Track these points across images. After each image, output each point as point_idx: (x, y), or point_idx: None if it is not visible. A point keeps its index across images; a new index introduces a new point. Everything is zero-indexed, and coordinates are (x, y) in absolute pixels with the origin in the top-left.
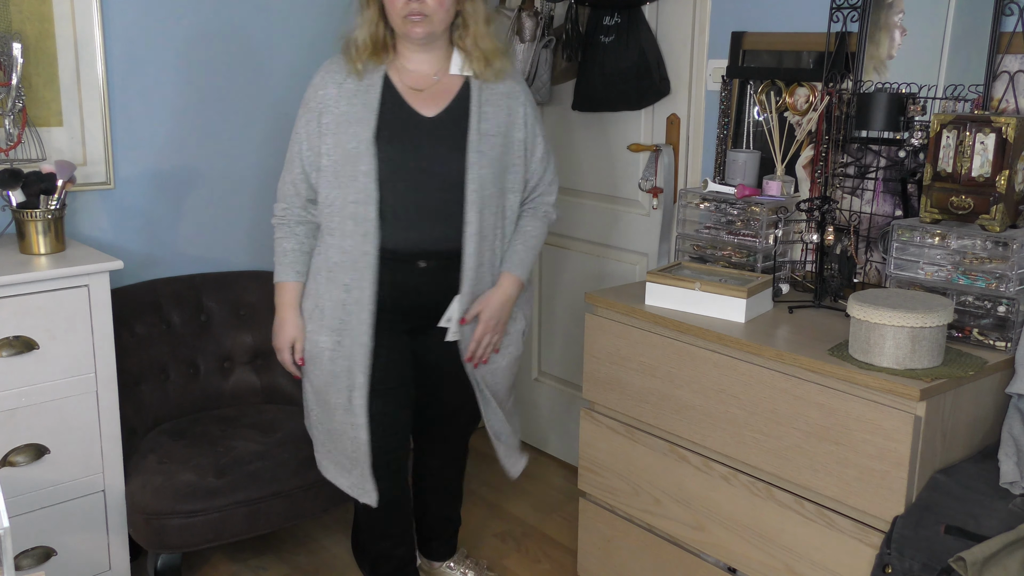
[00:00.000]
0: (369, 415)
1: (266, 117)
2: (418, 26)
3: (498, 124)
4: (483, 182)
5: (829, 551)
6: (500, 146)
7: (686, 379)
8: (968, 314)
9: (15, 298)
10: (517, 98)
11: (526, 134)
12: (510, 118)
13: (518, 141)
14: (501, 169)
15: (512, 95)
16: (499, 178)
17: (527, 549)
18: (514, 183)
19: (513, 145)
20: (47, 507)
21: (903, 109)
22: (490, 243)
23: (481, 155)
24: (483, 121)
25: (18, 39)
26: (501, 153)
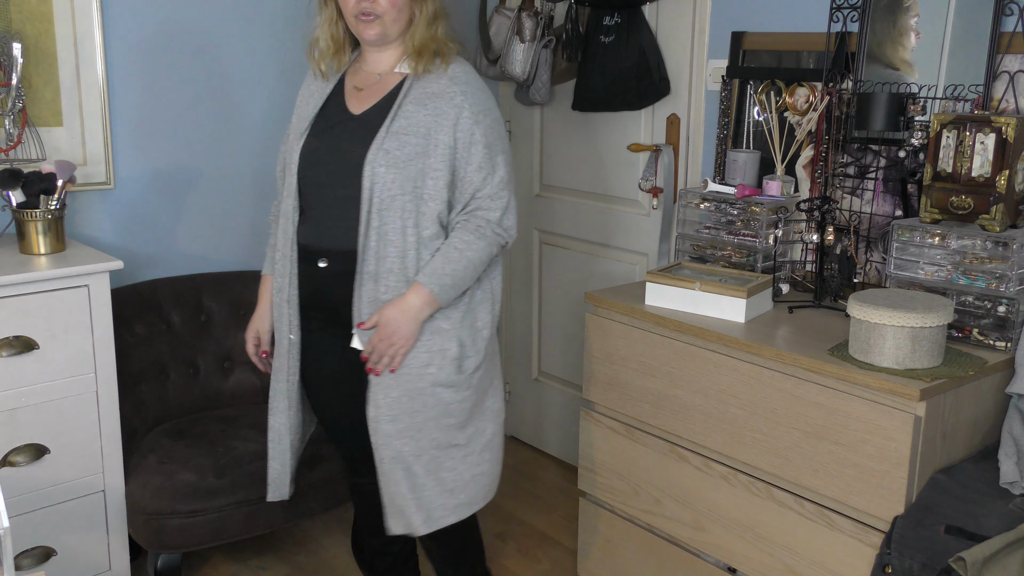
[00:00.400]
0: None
1: (266, 117)
2: (370, 27)
3: (416, 124)
4: (384, 182)
5: (829, 551)
6: (414, 147)
7: (686, 379)
8: (968, 314)
9: (15, 298)
10: (450, 99)
11: (455, 139)
12: (435, 120)
13: (442, 145)
14: (416, 172)
15: (443, 95)
16: (411, 181)
17: (527, 549)
18: (434, 190)
19: (435, 148)
20: (47, 507)
21: (903, 109)
22: (397, 249)
23: (385, 153)
24: (398, 119)
25: (18, 39)
26: (415, 155)
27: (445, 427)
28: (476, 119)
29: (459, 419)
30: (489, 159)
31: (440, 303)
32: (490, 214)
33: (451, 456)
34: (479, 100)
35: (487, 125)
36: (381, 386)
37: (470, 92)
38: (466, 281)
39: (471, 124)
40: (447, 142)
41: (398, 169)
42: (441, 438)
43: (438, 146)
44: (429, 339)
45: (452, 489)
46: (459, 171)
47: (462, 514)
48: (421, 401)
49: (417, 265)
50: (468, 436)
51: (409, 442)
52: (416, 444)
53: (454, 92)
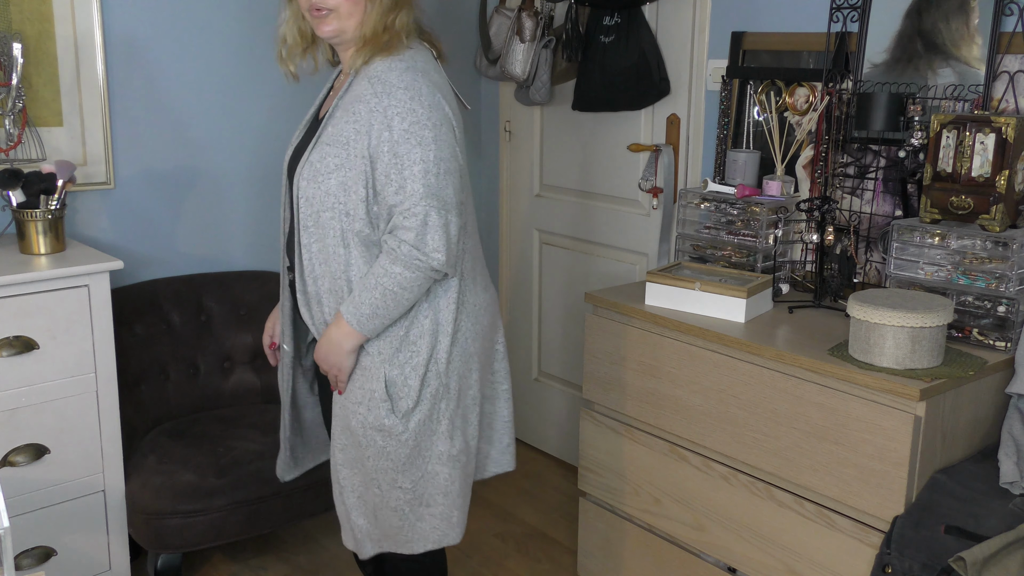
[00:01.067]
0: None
1: (266, 117)
2: (324, 22)
3: (338, 133)
4: (307, 196)
5: (829, 551)
6: (334, 158)
7: (686, 379)
8: (968, 314)
9: (15, 298)
10: (367, 103)
11: (370, 146)
12: (355, 126)
13: (356, 155)
14: (337, 186)
15: (362, 98)
16: (332, 196)
17: (527, 549)
18: (354, 205)
19: (353, 159)
20: (47, 507)
21: (903, 109)
22: (329, 269)
23: (309, 166)
24: (328, 127)
25: (18, 39)
26: (335, 167)
27: (384, 469)
28: (388, 123)
29: (396, 463)
30: (398, 169)
31: (365, 334)
32: (405, 234)
33: (396, 498)
34: (397, 101)
35: (402, 130)
36: (334, 412)
37: (386, 92)
38: (389, 311)
39: (381, 128)
40: (361, 152)
41: (317, 183)
42: (382, 479)
43: (354, 156)
44: (359, 376)
45: (400, 527)
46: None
47: (412, 549)
48: (356, 439)
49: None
50: (412, 481)
51: (354, 476)
52: (361, 478)
53: (370, 94)
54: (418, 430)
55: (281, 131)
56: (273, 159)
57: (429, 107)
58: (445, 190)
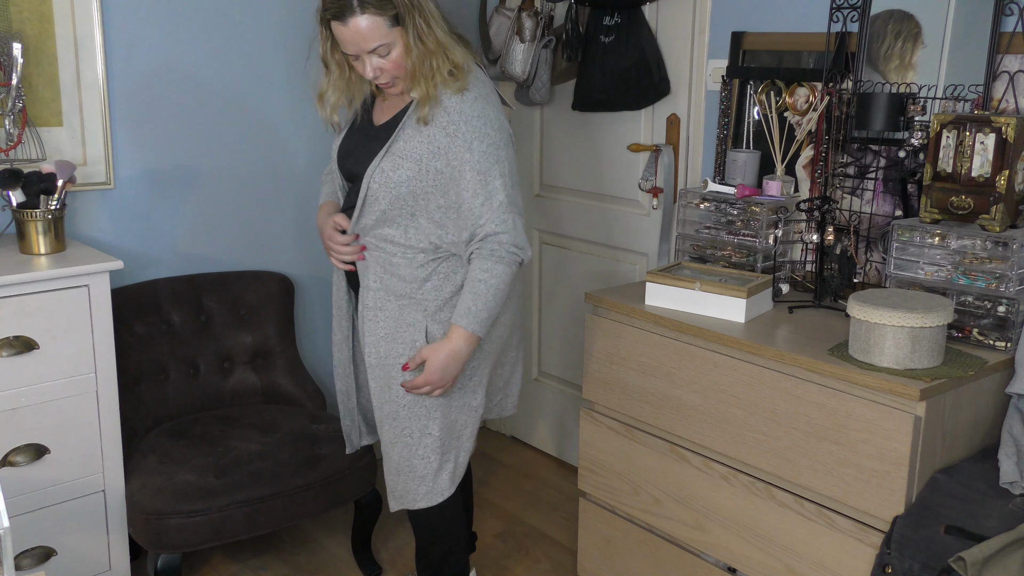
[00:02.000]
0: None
1: (266, 117)
2: (391, 88)
3: (411, 149)
4: (376, 197)
5: (829, 551)
6: (407, 170)
7: (686, 379)
8: (968, 314)
9: (15, 298)
10: (443, 128)
11: (448, 165)
12: (429, 147)
13: (433, 171)
14: (406, 193)
15: (437, 124)
16: (401, 200)
17: (527, 549)
18: (427, 209)
19: (428, 174)
20: (47, 507)
21: (903, 109)
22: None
23: (381, 172)
24: (397, 142)
25: (18, 39)
26: (407, 178)
27: (417, 416)
28: (469, 146)
29: (429, 410)
30: (484, 185)
31: (481, 336)
32: (501, 237)
33: (425, 445)
34: (473, 127)
35: (481, 151)
36: (374, 373)
37: (463, 120)
38: (497, 307)
39: (463, 151)
40: (440, 168)
41: (390, 189)
42: (414, 427)
43: (429, 171)
44: (404, 329)
45: (423, 476)
46: (457, 198)
47: (432, 501)
48: (396, 391)
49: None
50: (440, 428)
51: (388, 430)
52: (392, 432)
53: (446, 121)
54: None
55: (281, 131)
56: (274, 159)
57: (498, 130)
58: (517, 197)
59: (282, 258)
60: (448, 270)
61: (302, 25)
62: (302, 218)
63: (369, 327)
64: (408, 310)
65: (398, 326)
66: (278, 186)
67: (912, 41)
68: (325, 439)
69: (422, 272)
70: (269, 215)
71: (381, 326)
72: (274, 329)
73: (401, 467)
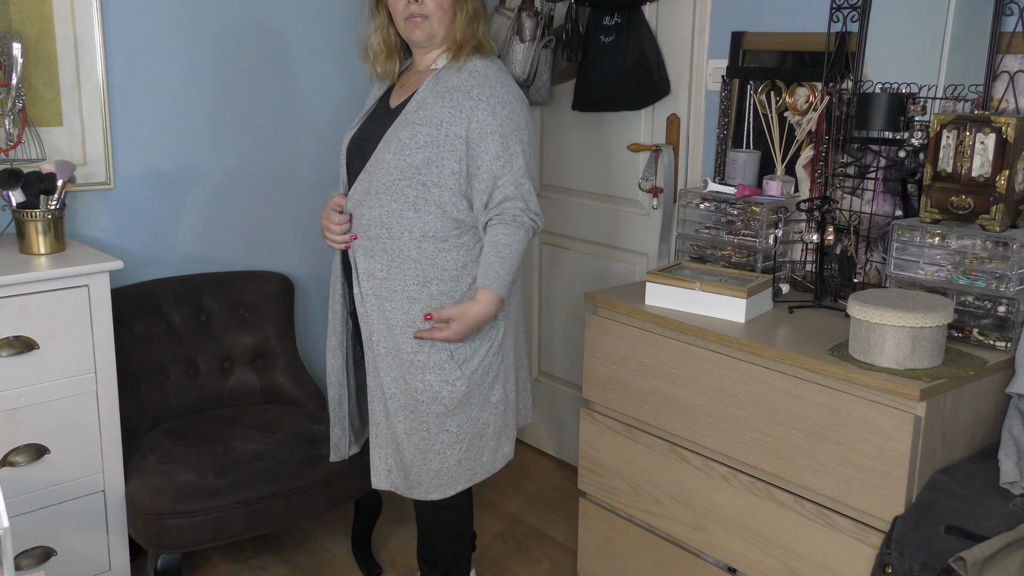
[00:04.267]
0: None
1: (266, 117)
2: (418, 28)
3: (431, 115)
4: (387, 167)
5: (829, 551)
6: (425, 136)
7: (686, 379)
8: (968, 314)
9: (15, 298)
10: (467, 92)
11: (468, 129)
12: (451, 111)
13: (453, 135)
14: (422, 160)
15: (461, 88)
16: (414, 168)
17: (527, 549)
18: (441, 177)
19: (446, 139)
20: (47, 507)
21: (903, 109)
22: (388, 231)
23: (397, 141)
24: (419, 110)
25: (18, 39)
26: (424, 143)
27: (435, 412)
28: (493, 111)
29: (448, 407)
30: (505, 148)
31: (504, 299)
32: (519, 203)
33: (441, 441)
34: (496, 92)
35: (504, 116)
36: (385, 363)
37: (487, 84)
38: (518, 271)
39: (486, 115)
40: (459, 133)
41: (405, 156)
42: (431, 423)
43: (449, 136)
44: (417, 318)
45: (438, 471)
46: (476, 161)
47: (444, 493)
48: (413, 384)
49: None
50: (458, 425)
51: (404, 420)
52: (411, 423)
53: (471, 85)
54: (470, 378)
55: (281, 131)
56: (274, 159)
57: (519, 100)
58: (534, 167)
59: (282, 258)
60: (457, 251)
61: (303, 27)
62: (302, 218)
63: (377, 316)
64: (420, 298)
65: (408, 319)
66: (278, 186)
67: None
68: (325, 439)
69: (431, 256)
70: (269, 215)
71: (392, 316)
72: (274, 329)
73: (415, 459)
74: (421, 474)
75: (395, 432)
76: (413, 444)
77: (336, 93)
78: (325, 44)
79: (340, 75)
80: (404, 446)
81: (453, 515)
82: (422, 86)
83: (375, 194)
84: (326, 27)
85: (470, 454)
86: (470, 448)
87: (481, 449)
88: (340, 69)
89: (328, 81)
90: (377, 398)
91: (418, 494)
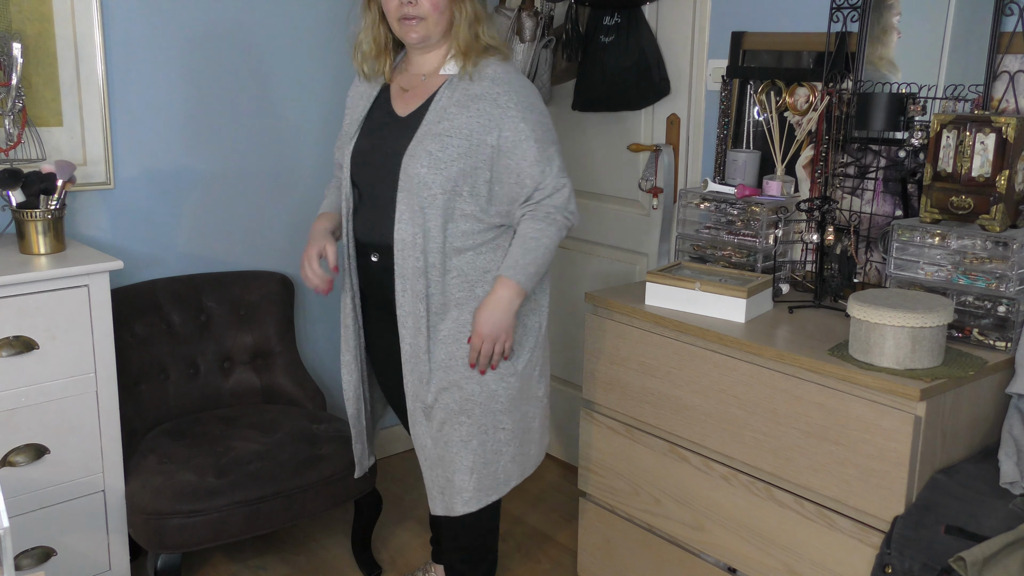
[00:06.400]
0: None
1: (266, 117)
2: (413, 30)
3: (459, 126)
4: (425, 182)
5: (829, 551)
6: (457, 148)
7: (686, 379)
8: (968, 314)
9: (15, 298)
10: (493, 100)
11: (500, 138)
12: (479, 121)
13: (486, 146)
14: (457, 172)
15: (486, 97)
16: (451, 181)
17: (527, 549)
18: (475, 187)
19: (479, 149)
20: (47, 507)
21: (903, 109)
22: (438, 246)
23: (428, 154)
24: (443, 121)
25: (18, 39)
26: (457, 156)
27: (493, 412)
28: (524, 116)
29: (504, 405)
30: (542, 152)
31: (527, 292)
32: (556, 201)
33: (498, 440)
34: (523, 97)
35: (534, 121)
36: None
37: (513, 91)
38: (544, 267)
39: (518, 122)
40: (490, 142)
41: (439, 169)
42: (488, 423)
43: (480, 146)
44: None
45: (494, 470)
46: (512, 168)
47: (501, 492)
48: (469, 389)
49: (445, 263)
50: (513, 421)
51: (458, 430)
52: (467, 429)
53: (497, 93)
54: (522, 374)
55: (282, 131)
56: (274, 159)
57: (541, 100)
58: (565, 166)
59: (282, 258)
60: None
61: (303, 28)
62: (302, 218)
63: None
64: (467, 302)
65: (458, 325)
66: (278, 186)
67: None
68: (325, 439)
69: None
70: (269, 215)
71: (443, 327)
72: (274, 329)
73: (476, 465)
74: (483, 479)
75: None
76: (473, 451)
77: (338, 92)
78: (327, 43)
79: (342, 75)
80: (461, 455)
81: (492, 511)
82: (438, 94)
83: (418, 210)
84: (328, 27)
85: (522, 449)
86: (522, 444)
87: (530, 443)
88: (342, 68)
89: (330, 80)
90: (420, 421)
91: (482, 500)
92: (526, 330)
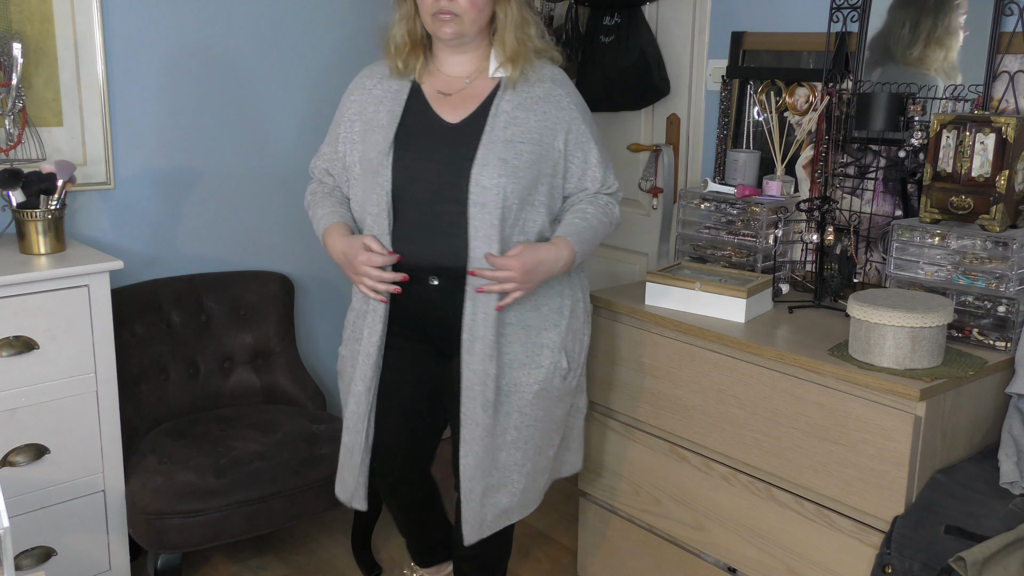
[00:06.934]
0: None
1: (267, 117)
2: (447, 25)
3: (528, 130)
4: (505, 193)
5: (829, 551)
6: (530, 154)
7: (686, 379)
8: (968, 314)
9: (15, 298)
10: (557, 102)
11: (567, 142)
12: (546, 124)
13: (555, 150)
14: (530, 180)
15: (551, 99)
16: (526, 190)
17: (527, 549)
18: (542, 196)
19: (549, 154)
20: (47, 507)
21: (903, 109)
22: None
23: (503, 163)
24: (510, 126)
25: (18, 39)
26: (531, 162)
27: (548, 431)
28: (583, 118)
29: (558, 423)
30: (603, 155)
31: (573, 266)
32: (614, 198)
33: (547, 456)
34: (579, 100)
35: (590, 122)
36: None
37: (570, 92)
38: (595, 244)
39: (580, 124)
40: (558, 146)
41: (517, 179)
42: (543, 442)
43: (550, 151)
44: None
45: (541, 485)
46: (577, 169)
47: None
48: (531, 414)
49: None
50: (561, 436)
51: (511, 455)
52: (524, 451)
53: (560, 95)
54: (571, 389)
55: (282, 131)
56: (273, 159)
57: None
58: None
59: (282, 258)
60: None
61: (303, 28)
62: (302, 218)
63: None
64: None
65: (526, 349)
66: (278, 186)
67: None
68: (325, 439)
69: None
70: (269, 215)
71: (510, 350)
72: (274, 329)
73: (528, 485)
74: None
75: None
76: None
77: (341, 92)
78: (329, 42)
79: (344, 74)
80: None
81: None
82: (498, 97)
83: (496, 225)
84: (330, 26)
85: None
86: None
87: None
88: (344, 68)
89: (332, 80)
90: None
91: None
92: (582, 346)
